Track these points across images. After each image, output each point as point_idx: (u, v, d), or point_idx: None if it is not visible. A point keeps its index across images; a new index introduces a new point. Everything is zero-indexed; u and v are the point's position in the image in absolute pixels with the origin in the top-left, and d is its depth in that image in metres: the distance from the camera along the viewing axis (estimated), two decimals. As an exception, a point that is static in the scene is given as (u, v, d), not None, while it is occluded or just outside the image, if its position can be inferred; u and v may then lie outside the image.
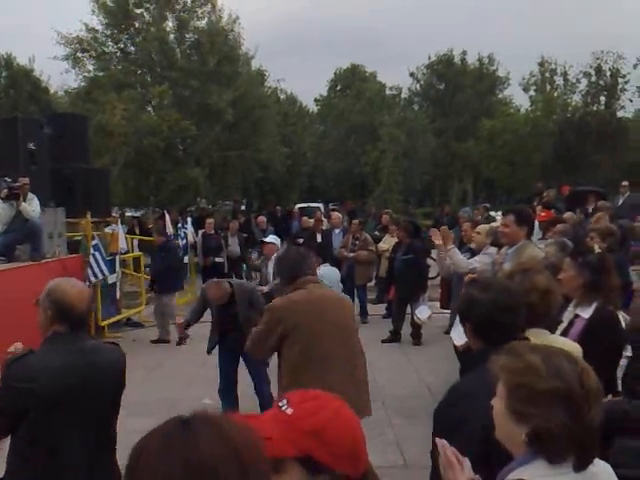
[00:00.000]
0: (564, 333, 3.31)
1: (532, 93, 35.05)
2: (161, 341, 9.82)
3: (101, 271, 9.65)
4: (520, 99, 44.74)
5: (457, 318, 5.75)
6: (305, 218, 16.26)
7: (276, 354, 3.81)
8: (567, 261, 3.65)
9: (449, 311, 9.59)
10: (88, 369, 2.63)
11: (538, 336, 2.48)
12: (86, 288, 2.85)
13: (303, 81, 63.75)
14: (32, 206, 8.20)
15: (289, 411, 1.33)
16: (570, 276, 3.53)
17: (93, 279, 9.44)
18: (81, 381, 2.59)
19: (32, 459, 2.56)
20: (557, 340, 2.91)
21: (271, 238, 8.93)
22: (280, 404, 1.37)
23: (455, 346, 6.05)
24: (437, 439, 1.74)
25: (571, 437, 1.55)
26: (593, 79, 32.29)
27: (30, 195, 8.27)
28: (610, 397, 2.98)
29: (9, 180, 8.18)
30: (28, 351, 2.65)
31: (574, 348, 2.83)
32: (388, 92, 42.29)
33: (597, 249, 4.53)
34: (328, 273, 7.31)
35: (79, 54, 25.48)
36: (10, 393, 2.54)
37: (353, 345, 3.75)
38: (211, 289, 5.88)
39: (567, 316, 3.52)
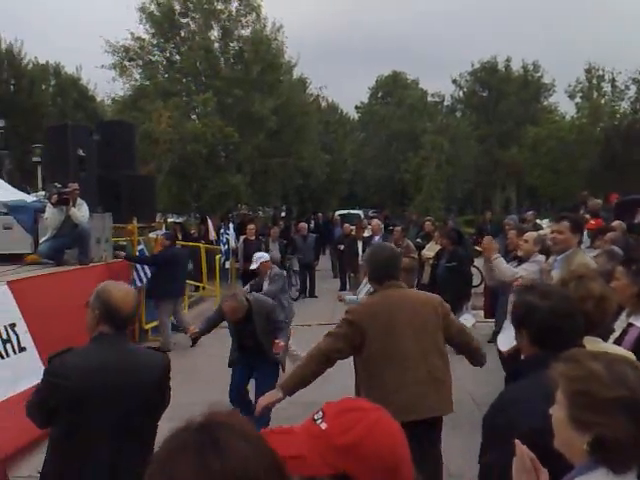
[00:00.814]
0: (617, 342, 3.23)
1: (578, 100, 34.43)
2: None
3: (146, 275, 9.81)
4: (565, 106, 44.04)
5: (504, 325, 5.69)
6: (347, 225, 16.28)
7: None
8: (620, 269, 3.55)
9: (493, 320, 9.47)
10: (123, 371, 2.66)
11: (592, 344, 2.44)
12: (132, 291, 2.90)
13: (344, 88, 63.95)
14: (81, 211, 8.39)
15: (323, 426, 1.28)
16: (623, 284, 3.44)
17: (139, 283, 9.60)
18: (114, 382, 2.62)
19: (64, 453, 2.63)
20: (611, 349, 2.84)
21: (263, 256, 8.42)
22: (315, 417, 1.31)
23: (501, 355, 5.97)
24: (517, 442, 1.71)
25: (636, 446, 1.51)
26: (643, 86, 31.58)
27: (79, 200, 8.46)
28: None
29: (59, 186, 8.38)
30: (67, 349, 2.72)
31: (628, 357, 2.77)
32: (430, 99, 42.11)
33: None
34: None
35: (126, 63, 26.01)
36: (46, 387, 2.62)
37: (430, 345, 3.72)
38: (226, 302, 5.67)
39: (620, 325, 3.44)
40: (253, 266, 8.18)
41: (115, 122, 15.51)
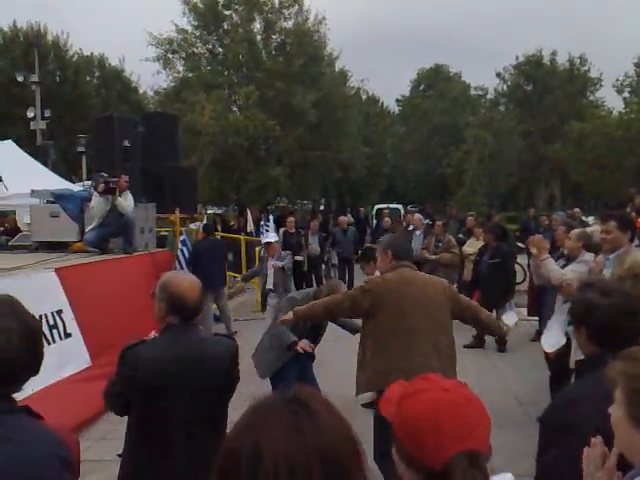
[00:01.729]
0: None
1: (626, 95, 33.55)
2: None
3: (188, 265, 9.91)
4: (613, 101, 42.98)
5: (548, 325, 5.56)
6: (387, 219, 16.19)
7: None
8: None
9: (536, 318, 9.30)
10: (193, 360, 2.70)
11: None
12: (197, 281, 2.90)
13: (386, 82, 63.59)
14: (127, 201, 8.50)
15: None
16: None
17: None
18: (184, 372, 2.66)
19: (139, 441, 2.70)
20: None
21: (272, 237, 9.19)
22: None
23: (546, 355, 5.85)
24: (593, 439, 1.67)
25: None
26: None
27: (125, 191, 8.58)
28: None
29: (106, 175, 8.52)
30: (140, 340, 2.76)
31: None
32: (473, 92, 41.54)
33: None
34: None
35: (169, 55, 26.32)
36: (120, 380, 2.69)
37: (437, 321, 3.99)
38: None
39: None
40: (271, 239, 8.86)
41: (159, 114, 15.68)
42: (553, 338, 5.34)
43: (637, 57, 32.85)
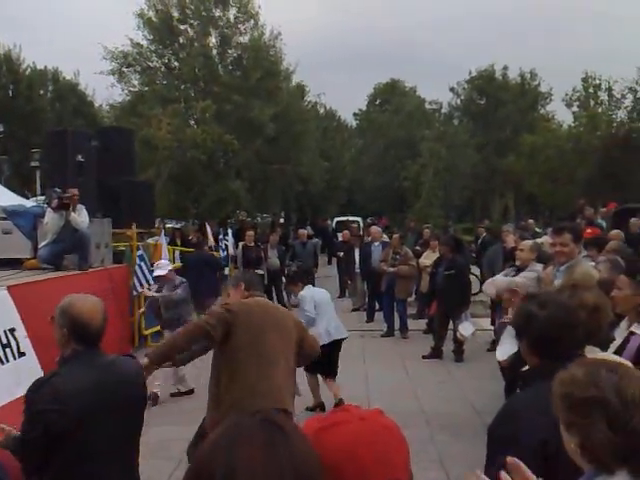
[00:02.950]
0: (618, 351, 3.23)
1: (575, 109, 34.52)
2: None
3: (146, 281, 9.81)
4: (563, 115, 44.13)
5: (503, 336, 5.69)
6: (345, 232, 16.31)
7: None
8: (623, 279, 3.55)
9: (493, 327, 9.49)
10: (110, 385, 2.59)
11: (591, 354, 2.45)
12: (99, 302, 2.76)
13: (342, 96, 64.10)
14: (81, 217, 8.38)
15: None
16: (626, 294, 3.44)
17: (139, 289, 9.60)
18: (106, 397, 2.55)
19: (75, 477, 2.52)
20: (610, 358, 2.85)
21: (164, 268, 7.93)
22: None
23: (500, 364, 5.97)
24: (510, 459, 1.71)
25: (614, 446, 1.52)
26: (639, 95, 31.67)
27: (79, 206, 8.45)
28: None
29: (59, 190, 8.38)
30: (52, 374, 2.61)
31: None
32: (428, 107, 42.22)
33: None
34: (316, 294, 7.18)
35: (124, 69, 26.06)
36: (40, 419, 2.46)
37: (287, 347, 4.06)
38: None
39: (620, 334, 3.43)
40: (162, 272, 7.79)
41: (114, 128, 15.54)
42: (506, 347, 5.47)
43: (584, 72, 33.88)
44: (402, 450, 1.30)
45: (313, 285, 7.85)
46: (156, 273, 7.91)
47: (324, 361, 6.72)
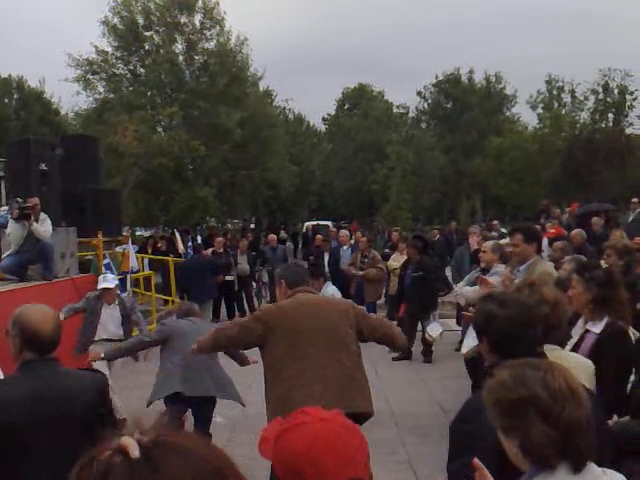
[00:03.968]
0: (574, 349, 3.31)
1: (540, 111, 35.17)
2: None
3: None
4: (528, 117, 44.91)
5: (467, 332, 5.78)
6: (318, 236, 16.31)
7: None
8: (575, 277, 3.65)
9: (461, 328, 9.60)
10: (53, 398, 2.50)
11: (549, 352, 2.48)
12: (51, 311, 2.71)
13: (311, 101, 64.21)
14: (44, 226, 8.26)
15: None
16: (579, 292, 3.53)
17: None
18: (46, 410, 2.46)
19: None
20: (568, 356, 2.91)
21: (112, 281, 7.21)
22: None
23: (467, 363, 6.05)
24: (475, 460, 1.74)
25: (552, 441, 1.56)
26: (601, 96, 32.38)
27: (42, 215, 8.34)
28: (616, 418, 2.97)
29: (20, 200, 8.26)
30: None
31: (585, 364, 2.83)
32: (395, 111, 42.52)
33: (604, 264, 4.54)
34: (333, 292, 7.32)
35: (89, 76, 25.79)
36: None
37: (337, 346, 3.84)
38: None
39: (577, 332, 3.51)
40: (110, 283, 7.07)
41: (78, 136, 15.38)
42: (469, 340, 5.57)
43: (548, 74, 34.53)
44: (362, 449, 1.31)
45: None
46: (101, 285, 6.99)
47: None
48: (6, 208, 10.30)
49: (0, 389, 2.50)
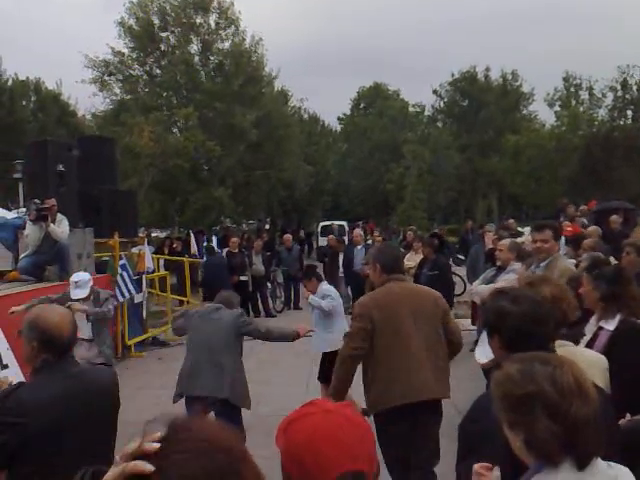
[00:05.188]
0: (588, 346, 3.28)
1: (557, 109, 34.87)
2: None
3: (128, 290, 9.78)
4: (545, 115, 44.50)
5: (481, 336, 5.73)
6: (331, 237, 16.32)
7: None
8: (585, 275, 3.63)
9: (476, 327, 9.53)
10: (81, 395, 2.55)
11: (563, 349, 2.46)
12: (67, 312, 2.76)
13: (326, 100, 64.24)
14: (61, 227, 8.34)
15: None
16: (589, 290, 3.51)
17: (121, 298, 9.57)
18: (76, 409, 2.50)
19: None
20: (582, 352, 2.88)
21: (84, 287, 6.51)
22: None
23: (482, 366, 6.00)
24: (475, 466, 1.73)
25: (557, 438, 1.55)
26: (619, 93, 32.04)
27: (59, 216, 8.42)
28: (629, 416, 2.94)
29: (38, 202, 8.35)
30: (18, 384, 2.59)
31: (599, 360, 2.80)
32: (411, 110, 42.40)
33: (613, 261, 4.50)
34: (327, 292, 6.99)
35: (106, 77, 25.98)
36: (5, 430, 2.41)
37: (431, 333, 4.04)
38: None
39: (590, 329, 3.48)
40: (83, 294, 6.46)
41: (95, 137, 15.48)
42: (486, 347, 5.49)
43: (565, 72, 34.24)
44: (366, 442, 1.31)
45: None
46: (75, 296, 6.41)
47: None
48: (24, 210, 10.44)
49: (31, 393, 2.50)
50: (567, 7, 66.56)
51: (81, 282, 6.42)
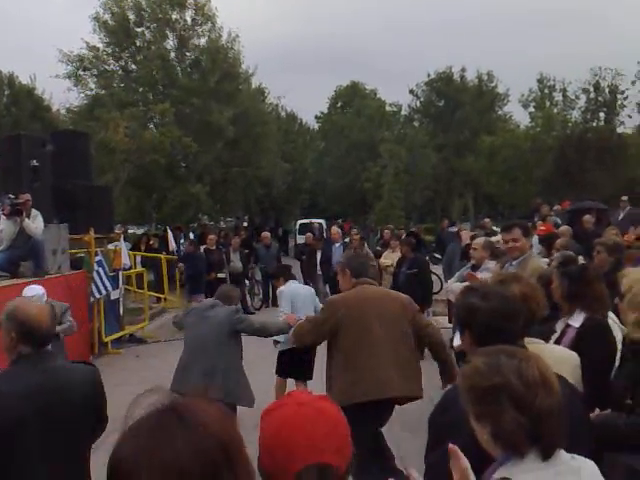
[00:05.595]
0: (557, 343, 3.32)
1: (531, 110, 35.24)
2: None
3: (105, 287, 9.70)
4: (519, 116, 44.97)
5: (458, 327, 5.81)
6: (308, 234, 16.34)
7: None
8: (555, 272, 3.70)
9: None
10: (51, 391, 2.52)
11: (533, 346, 2.48)
12: (46, 306, 2.77)
13: (304, 99, 64.15)
14: (36, 223, 8.25)
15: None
16: (556, 286, 3.58)
17: (97, 295, 9.49)
18: (44, 404, 2.47)
19: None
20: (552, 349, 2.93)
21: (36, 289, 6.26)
22: None
23: (458, 360, 6.06)
24: (451, 446, 1.75)
25: (523, 429, 1.59)
26: (592, 95, 32.50)
27: (34, 212, 8.33)
28: (597, 411, 3.00)
29: (12, 197, 8.24)
30: None
31: (570, 356, 2.85)
32: (388, 109, 42.53)
33: (581, 260, 4.58)
34: (295, 290, 6.85)
35: (80, 72, 25.64)
36: None
37: (397, 335, 4.21)
38: None
39: (560, 326, 3.53)
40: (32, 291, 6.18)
41: (69, 132, 15.31)
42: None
43: (539, 73, 34.64)
44: (336, 435, 1.32)
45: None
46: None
47: (296, 363, 6.57)
48: (-3, 205, 10.27)
49: (2, 384, 2.49)
50: (542, 9, 67.34)
51: (36, 297, 5.85)
